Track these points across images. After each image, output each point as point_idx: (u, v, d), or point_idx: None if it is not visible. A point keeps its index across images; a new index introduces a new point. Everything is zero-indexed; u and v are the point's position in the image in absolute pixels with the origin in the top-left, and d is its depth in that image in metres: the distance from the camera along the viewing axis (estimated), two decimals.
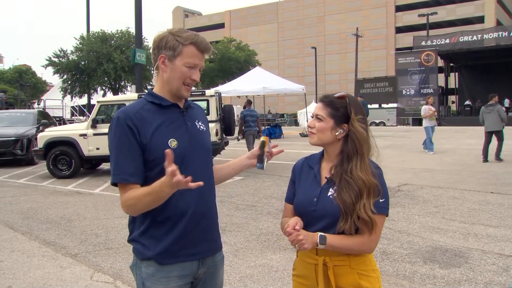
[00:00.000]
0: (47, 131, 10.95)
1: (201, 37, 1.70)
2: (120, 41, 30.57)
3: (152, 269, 1.68)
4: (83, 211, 6.74)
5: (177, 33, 1.68)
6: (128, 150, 1.62)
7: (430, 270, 3.99)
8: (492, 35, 30.04)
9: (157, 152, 1.61)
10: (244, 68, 36.78)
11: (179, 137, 1.68)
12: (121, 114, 1.65)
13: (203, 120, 1.86)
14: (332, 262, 1.70)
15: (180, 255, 1.68)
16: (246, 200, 7.14)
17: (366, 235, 1.66)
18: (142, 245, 1.70)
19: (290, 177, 1.91)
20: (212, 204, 1.81)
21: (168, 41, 1.67)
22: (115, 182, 1.64)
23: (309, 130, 1.82)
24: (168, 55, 1.67)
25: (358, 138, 1.72)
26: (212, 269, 1.80)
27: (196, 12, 79.47)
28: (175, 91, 1.71)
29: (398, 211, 6.12)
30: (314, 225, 1.72)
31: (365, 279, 1.70)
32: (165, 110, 1.71)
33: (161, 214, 1.66)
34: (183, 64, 1.66)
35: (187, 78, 1.69)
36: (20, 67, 47.92)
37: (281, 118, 22.77)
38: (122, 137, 1.62)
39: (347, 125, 1.74)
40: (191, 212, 1.68)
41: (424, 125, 13.40)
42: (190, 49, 1.66)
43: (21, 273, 4.18)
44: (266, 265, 4.23)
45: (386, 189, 1.73)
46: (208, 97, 9.83)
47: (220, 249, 1.85)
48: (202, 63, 1.73)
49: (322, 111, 1.77)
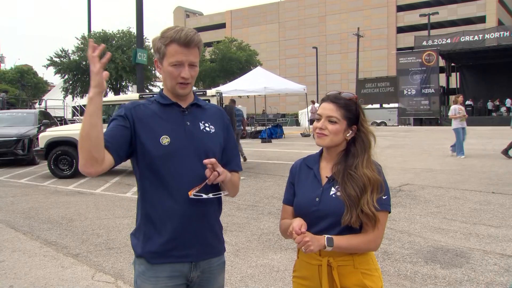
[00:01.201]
0: (48, 131, 10.97)
1: (183, 31, 1.64)
2: (121, 41, 30.56)
3: (143, 267, 1.69)
4: (84, 211, 6.75)
5: (162, 34, 1.68)
6: (116, 128, 1.64)
7: (431, 270, 3.98)
8: (494, 35, 30.02)
9: (148, 145, 1.65)
10: (245, 68, 36.75)
11: (174, 134, 1.68)
12: (125, 104, 1.73)
13: (214, 121, 1.80)
14: (336, 262, 1.70)
15: (169, 256, 1.67)
16: (247, 200, 7.14)
17: (371, 232, 1.67)
18: (136, 240, 1.72)
19: (288, 179, 1.89)
20: (207, 207, 1.73)
21: (155, 44, 1.70)
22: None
23: (318, 131, 1.76)
24: (158, 58, 1.70)
25: (367, 138, 1.75)
26: (208, 274, 1.75)
27: (197, 12, 79.48)
28: (172, 91, 1.73)
29: (400, 211, 6.11)
30: (317, 225, 1.71)
31: (368, 278, 1.71)
32: (165, 108, 1.73)
33: (153, 212, 1.67)
34: (168, 64, 1.66)
35: (177, 77, 1.67)
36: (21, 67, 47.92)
37: (282, 118, 22.75)
38: (115, 121, 1.66)
39: (356, 126, 1.76)
40: (180, 213, 1.65)
41: (453, 126, 12.38)
42: (172, 48, 1.65)
43: (22, 273, 4.19)
44: (267, 265, 4.23)
45: (387, 187, 1.75)
46: (209, 97, 9.82)
47: (218, 254, 1.80)
48: (190, 58, 1.66)
49: (336, 112, 1.74)
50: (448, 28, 47.11)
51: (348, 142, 1.77)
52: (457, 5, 52.59)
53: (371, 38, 54.74)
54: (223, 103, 10.85)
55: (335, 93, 1.81)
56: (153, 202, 1.66)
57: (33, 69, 49.82)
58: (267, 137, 18.87)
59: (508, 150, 11.10)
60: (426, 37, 33.49)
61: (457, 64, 33.15)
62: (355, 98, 1.77)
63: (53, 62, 30.60)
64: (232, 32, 61.30)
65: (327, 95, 1.82)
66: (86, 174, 1.55)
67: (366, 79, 39.27)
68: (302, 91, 21.04)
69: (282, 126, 21.84)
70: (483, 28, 35.07)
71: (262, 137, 19.15)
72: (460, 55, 31.34)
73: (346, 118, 1.74)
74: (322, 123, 1.75)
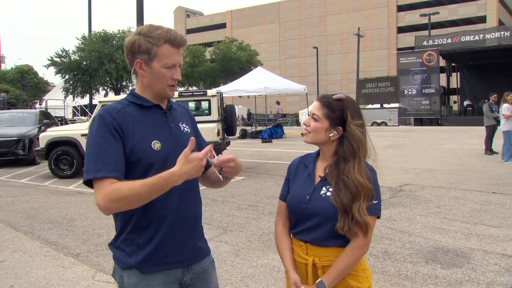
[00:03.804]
0: (48, 131, 10.97)
1: (173, 31, 1.60)
2: (122, 41, 30.38)
3: (134, 278, 1.60)
4: (85, 211, 6.75)
5: (148, 33, 1.58)
6: (111, 146, 1.51)
7: (432, 270, 3.98)
8: (494, 35, 29.98)
9: (140, 153, 1.55)
10: (246, 68, 36.74)
11: (163, 139, 1.61)
12: (103, 113, 1.56)
13: (187, 121, 1.78)
14: (321, 262, 1.72)
15: (163, 263, 1.61)
16: (247, 200, 7.14)
17: (360, 238, 1.68)
18: (123, 252, 1.62)
19: (286, 175, 1.94)
20: (196, 209, 1.73)
21: (140, 44, 1.58)
22: (96, 177, 1.47)
23: (304, 128, 1.82)
24: (144, 59, 1.59)
25: (354, 141, 1.73)
26: (203, 275, 1.74)
27: (197, 12, 79.47)
28: (159, 94, 1.64)
29: (400, 211, 6.11)
30: (305, 222, 1.76)
31: (354, 279, 1.73)
32: (146, 111, 1.63)
33: (144, 218, 1.59)
34: (161, 66, 1.59)
35: (169, 79, 1.61)
36: (22, 67, 47.96)
37: (283, 118, 22.71)
38: (105, 134, 1.52)
39: (341, 128, 1.75)
40: (172, 216, 1.62)
41: (503, 128, 11.02)
42: (165, 49, 1.58)
43: (23, 273, 4.19)
44: (268, 265, 4.23)
45: (379, 192, 1.76)
46: (210, 97, 9.83)
47: (207, 254, 1.79)
48: (180, 59, 1.63)
49: (318, 111, 1.78)
50: (449, 28, 47.07)
51: (337, 144, 1.77)
52: (458, 5, 52.56)
53: (372, 38, 54.72)
54: (224, 103, 10.84)
55: (326, 93, 1.86)
56: (145, 209, 1.56)
57: (33, 69, 49.87)
58: (267, 137, 18.86)
59: (488, 148, 11.14)
60: (427, 37, 33.46)
61: (458, 64, 33.10)
62: (343, 99, 1.77)
63: (54, 62, 30.61)
64: (232, 32, 61.26)
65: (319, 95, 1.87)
66: (105, 212, 1.49)
67: (366, 79, 39.22)
68: (303, 91, 21.04)
69: (283, 126, 21.81)
70: (484, 28, 35.05)
71: (263, 137, 19.14)
72: (460, 55, 31.29)
73: (328, 117, 1.75)
74: (307, 120, 1.81)
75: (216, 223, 5.76)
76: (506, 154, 10.73)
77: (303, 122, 1.83)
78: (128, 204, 1.47)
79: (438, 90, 30.19)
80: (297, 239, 1.81)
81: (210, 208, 6.48)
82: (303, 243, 1.77)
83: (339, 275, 1.68)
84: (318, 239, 1.72)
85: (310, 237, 1.74)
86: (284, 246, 1.84)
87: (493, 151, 11.97)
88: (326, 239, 1.71)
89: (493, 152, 11.93)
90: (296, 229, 1.81)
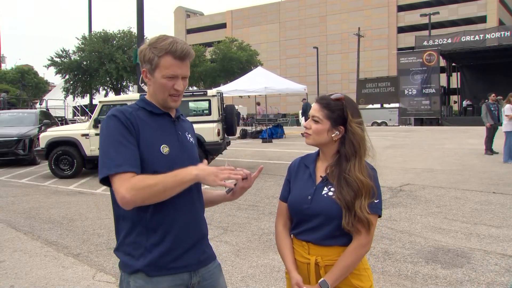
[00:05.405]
0: (49, 131, 10.96)
1: (178, 43, 1.60)
2: (122, 41, 30.56)
3: (141, 281, 1.60)
4: (85, 211, 6.75)
5: (154, 44, 1.61)
6: (129, 142, 1.54)
7: (432, 270, 3.98)
8: (494, 35, 29.96)
9: (148, 155, 1.58)
10: (246, 68, 36.78)
11: (171, 144, 1.65)
12: (116, 113, 1.59)
13: (192, 133, 1.84)
14: (323, 261, 1.73)
15: (170, 267, 1.61)
16: (248, 200, 7.14)
17: (363, 236, 1.69)
18: (129, 257, 1.62)
19: (286, 176, 1.95)
20: (201, 215, 1.77)
21: (145, 54, 1.62)
22: (118, 172, 1.48)
23: (305, 130, 1.83)
24: (148, 68, 1.64)
25: (356, 140, 1.74)
26: (210, 279, 1.74)
27: (197, 12, 79.47)
28: (162, 103, 1.67)
29: (400, 211, 6.11)
30: (308, 222, 1.76)
31: (356, 278, 1.74)
32: (156, 117, 1.67)
33: (154, 220, 1.59)
34: (162, 77, 1.61)
35: (170, 89, 1.63)
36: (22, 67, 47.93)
37: (283, 118, 22.69)
38: (123, 131, 1.55)
39: (343, 127, 1.76)
40: (182, 220, 1.64)
41: (504, 129, 10.87)
42: (166, 60, 1.59)
43: (23, 273, 4.19)
44: (268, 265, 4.23)
45: (380, 190, 1.77)
46: (210, 97, 9.83)
47: (213, 259, 1.80)
48: (184, 71, 1.64)
49: (318, 112, 1.78)
50: (449, 28, 47.07)
51: (339, 143, 1.78)
52: (458, 5, 52.57)
53: (372, 38, 54.73)
54: (224, 103, 10.85)
55: (324, 94, 1.86)
56: (154, 212, 1.59)
57: (33, 69, 49.84)
58: (267, 137, 18.85)
59: (489, 148, 11.15)
60: (427, 37, 33.45)
61: (458, 64, 33.10)
62: (342, 99, 1.78)
63: (54, 62, 30.64)
64: (232, 32, 61.30)
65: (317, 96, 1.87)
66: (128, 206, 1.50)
67: (366, 79, 39.22)
68: (303, 91, 21.03)
69: (283, 126, 21.79)
70: (484, 28, 35.04)
71: (263, 137, 19.12)
72: (460, 55, 31.28)
73: (329, 118, 1.76)
74: (307, 123, 1.82)
75: (216, 223, 5.77)
76: (506, 154, 10.72)
77: (304, 125, 1.84)
78: (153, 194, 1.48)
79: (438, 90, 30.17)
80: (298, 239, 1.81)
81: (210, 208, 6.47)
82: (305, 243, 1.77)
83: (342, 274, 1.69)
84: (320, 238, 1.73)
85: (312, 237, 1.75)
86: (285, 247, 1.84)
87: (493, 151, 11.98)
88: (328, 238, 1.72)
89: (493, 152, 11.94)
90: (298, 229, 1.81)
